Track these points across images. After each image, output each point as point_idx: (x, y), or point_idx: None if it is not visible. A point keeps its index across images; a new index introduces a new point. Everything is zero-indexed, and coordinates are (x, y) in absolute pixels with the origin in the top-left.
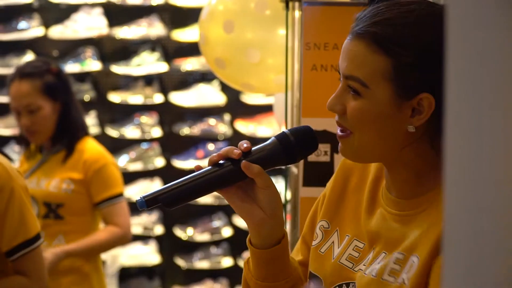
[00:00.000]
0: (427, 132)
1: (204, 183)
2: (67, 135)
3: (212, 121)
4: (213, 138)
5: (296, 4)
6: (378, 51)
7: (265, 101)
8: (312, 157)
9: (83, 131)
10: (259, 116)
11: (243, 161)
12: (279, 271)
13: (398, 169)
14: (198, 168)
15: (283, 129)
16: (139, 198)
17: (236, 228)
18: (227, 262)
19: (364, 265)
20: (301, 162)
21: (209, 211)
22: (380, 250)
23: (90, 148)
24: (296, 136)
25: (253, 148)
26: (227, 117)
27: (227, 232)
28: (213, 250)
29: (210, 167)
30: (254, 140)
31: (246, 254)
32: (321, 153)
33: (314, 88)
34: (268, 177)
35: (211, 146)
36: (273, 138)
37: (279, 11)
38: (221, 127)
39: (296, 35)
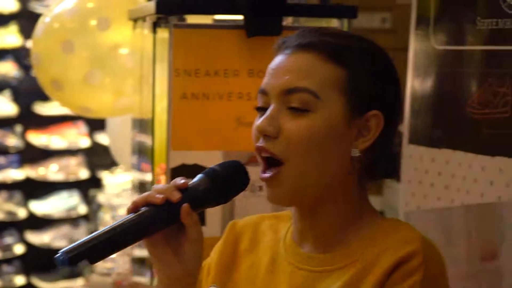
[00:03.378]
0: (360, 165)
1: (138, 229)
2: None
3: (2, 133)
4: (3, 151)
5: (146, 24)
6: (330, 60)
7: (59, 111)
8: None
9: None
10: (53, 127)
11: (184, 205)
12: None
13: (324, 210)
14: (131, 210)
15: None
16: (59, 254)
17: (28, 245)
18: (19, 280)
19: None
20: None
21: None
22: None
23: None
24: (228, 173)
25: None
26: (18, 128)
27: (19, 249)
28: (5, 268)
29: (144, 208)
30: (47, 152)
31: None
32: None
33: (184, 118)
34: (201, 229)
35: (1, 160)
36: (201, 175)
37: (122, 30)
38: (12, 139)
39: (144, 58)
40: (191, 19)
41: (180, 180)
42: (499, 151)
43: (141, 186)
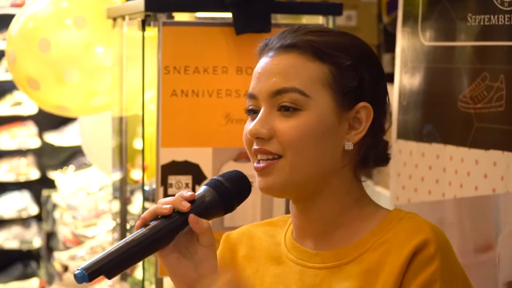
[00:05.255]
0: (354, 157)
1: (152, 242)
2: None
3: None
4: None
5: (126, 22)
6: (314, 59)
7: (8, 111)
8: (173, 191)
9: None
10: (2, 127)
11: (192, 215)
12: None
13: (320, 203)
14: (140, 225)
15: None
16: (79, 271)
17: None
18: None
19: None
20: (160, 196)
21: None
22: None
23: None
24: (232, 182)
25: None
26: None
27: None
28: None
29: (153, 222)
30: None
31: None
32: (182, 186)
33: (174, 115)
34: (213, 234)
35: None
36: (206, 187)
37: (99, 28)
38: None
39: (124, 55)
40: (179, 16)
41: (187, 192)
42: (493, 145)
43: (122, 186)
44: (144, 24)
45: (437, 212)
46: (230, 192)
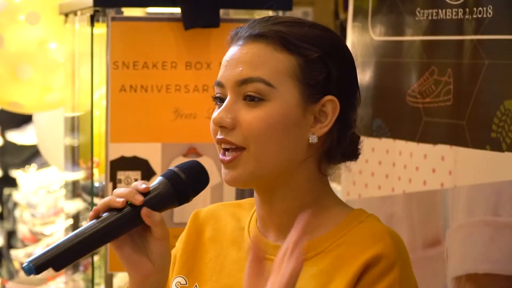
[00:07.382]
0: (319, 150)
1: (101, 235)
2: None
3: None
4: None
5: (79, 18)
6: (281, 49)
7: None
8: (121, 186)
9: None
10: None
11: (144, 208)
12: None
13: (283, 195)
14: (92, 217)
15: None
16: (26, 264)
17: None
18: None
19: None
20: (109, 192)
21: None
22: None
23: None
24: (188, 173)
25: None
26: None
27: None
28: None
29: (106, 213)
30: None
31: None
32: (131, 181)
33: (122, 110)
34: (166, 227)
35: None
36: (161, 178)
37: (53, 24)
38: None
39: (76, 52)
40: (128, 12)
41: (141, 185)
42: (441, 139)
43: (75, 185)
44: (93, 19)
45: (386, 207)
46: (185, 183)
